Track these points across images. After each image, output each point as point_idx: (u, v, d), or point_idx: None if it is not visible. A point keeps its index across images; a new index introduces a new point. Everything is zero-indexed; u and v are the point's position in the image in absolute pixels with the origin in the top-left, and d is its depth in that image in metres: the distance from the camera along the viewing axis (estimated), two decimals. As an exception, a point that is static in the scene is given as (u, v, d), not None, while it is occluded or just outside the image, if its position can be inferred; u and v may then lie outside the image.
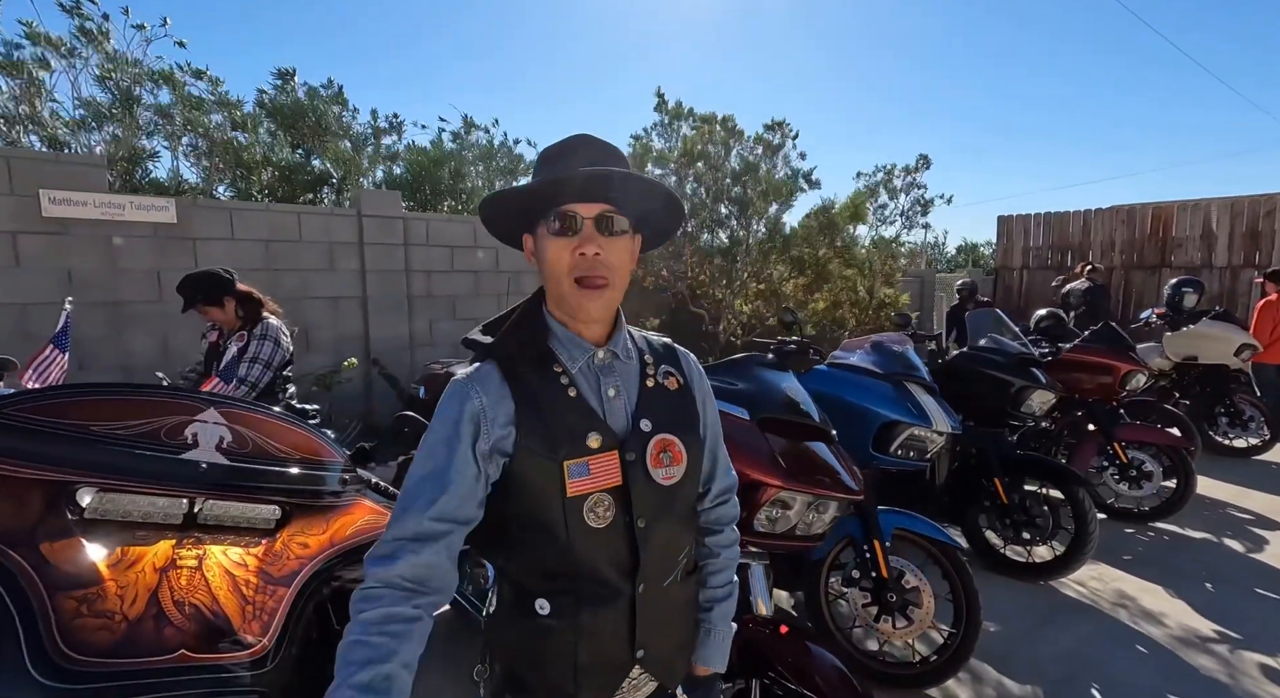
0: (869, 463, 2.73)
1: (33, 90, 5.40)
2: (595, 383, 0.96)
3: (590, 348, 0.96)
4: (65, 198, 4.44)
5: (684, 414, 1.01)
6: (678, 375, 1.04)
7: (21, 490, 0.90)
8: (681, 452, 0.97)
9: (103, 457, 0.99)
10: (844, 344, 3.21)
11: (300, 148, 7.13)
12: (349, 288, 5.80)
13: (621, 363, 0.98)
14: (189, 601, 0.93)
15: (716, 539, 1.12)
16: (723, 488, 1.14)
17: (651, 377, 1.00)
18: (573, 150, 0.93)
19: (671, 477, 0.96)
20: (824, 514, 2.02)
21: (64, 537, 0.89)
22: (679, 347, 1.11)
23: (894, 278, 8.19)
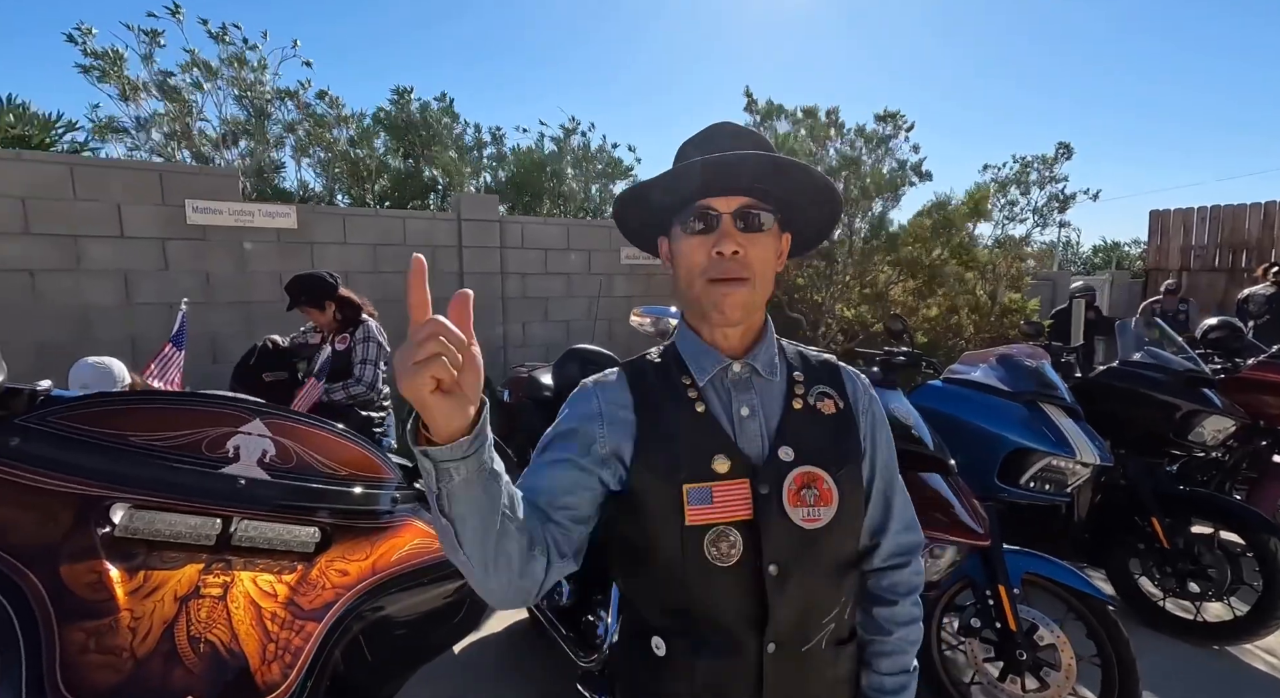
0: (995, 495, 2.35)
1: (185, 111, 6.03)
2: (727, 400, 0.84)
3: (723, 359, 0.85)
4: (206, 207, 4.89)
5: (839, 445, 0.86)
6: (836, 398, 0.88)
7: (51, 504, 0.87)
8: (831, 490, 0.82)
9: (139, 469, 0.94)
10: (964, 357, 2.81)
11: (411, 157, 7.53)
12: (447, 290, 5.92)
13: (763, 379, 0.86)
14: (205, 637, 0.86)
15: (890, 613, 0.92)
16: (900, 547, 0.93)
17: (800, 397, 0.86)
18: (710, 139, 0.84)
19: (815, 519, 0.81)
20: (939, 559, 1.72)
21: (87, 558, 0.85)
22: (847, 366, 0.94)
23: (1021, 282, 7.34)
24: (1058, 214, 7.55)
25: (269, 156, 6.44)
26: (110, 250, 4.54)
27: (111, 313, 4.58)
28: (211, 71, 6.24)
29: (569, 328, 6.53)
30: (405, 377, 0.53)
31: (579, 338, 6.60)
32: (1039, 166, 7.35)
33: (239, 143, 6.32)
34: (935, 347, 6.85)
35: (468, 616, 1.36)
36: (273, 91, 6.49)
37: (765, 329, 0.89)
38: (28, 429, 0.92)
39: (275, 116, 6.58)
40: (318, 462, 1.12)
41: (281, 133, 6.62)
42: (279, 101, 6.58)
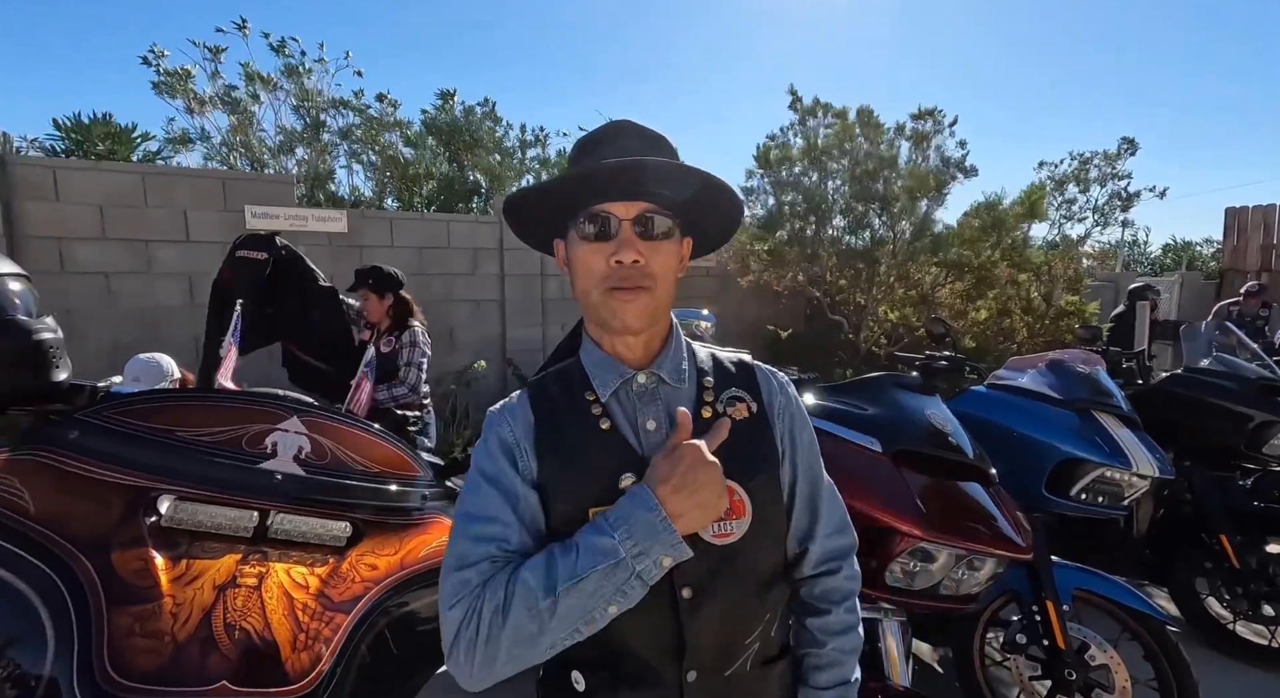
0: (1043, 507, 2.25)
1: (245, 121, 6.36)
2: (632, 413, 0.80)
3: (627, 371, 0.81)
4: (264, 212, 5.13)
5: (751, 452, 0.81)
6: (749, 401, 0.84)
7: (105, 494, 0.93)
8: (743, 501, 0.78)
9: (185, 464, 1.00)
10: (1010, 362, 2.70)
11: (456, 161, 7.73)
12: (489, 291, 6.12)
13: (670, 388, 0.81)
14: (240, 625, 0.90)
15: (822, 623, 0.86)
16: (830, 551, 0.88)
17: (709, 405, 0.81)
18: (609, 140, 0.79)
19: (727, 534, 0.76)
20: (978, 572, 1.65)
21: (135, 546, 0.91)
22: (761, 365, 0.90)
23: (1079, 283, 6.98)
24: (1120, 212, 7.15)
25: (323, 163, 6.73)
26: (177, 254, 4.81)
27: (177, 313, 4.85)
28: (269, 83, 6.58)
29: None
30: None
31: (617, 339, 6.63)
32: (1100, 163, 6.98)
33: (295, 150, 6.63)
34: (985, 351, 6.58)
35: None
36: (328, 101, 6.78)
37: (671, 335, 0.85)
38: (86, 423, 0.99)
39: (330, 125, 6.88)
40: (351, 459, 1.17)
41: (335, 140, 6.92)
42: (334, 110, 6.88)
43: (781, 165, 6.78)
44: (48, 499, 0.89)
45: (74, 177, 4.49)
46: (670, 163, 0.75)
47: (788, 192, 6.81)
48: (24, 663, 0.77)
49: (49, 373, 1.03)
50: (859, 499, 1.62)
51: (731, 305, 7.59)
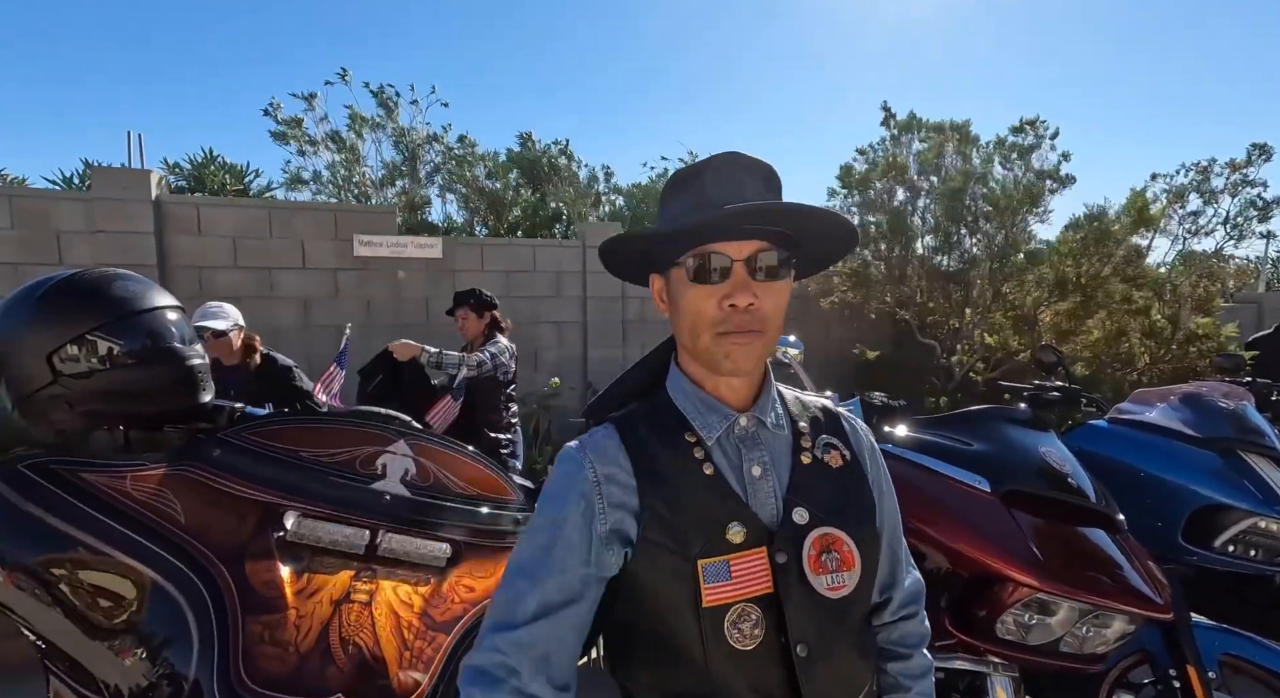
0: (1179, 558, 2.01)
1: (351, 158, 6.99)
2: (736, 459, 0.76)
3: (731, 413, 0.77)
4: (369, 240, 5.54)
5: (853, 501, 0.78)
6: (842, 448, 0.81)
7: (241, 508, 1.02)
8: (852, 552, 0.74)
9: (307, 482, 1.08)
10: (1136, 395, 2.45)
11: (537, 192, 8.19)
12: (571, 313, 6.28)
13: (769, 433, 0.78)
14: (354, 639, 0.96)
15: (904, 668, 0.84)
16: (908, 596, 0.86)
17: (808, 450, 0.79)
18: (712, 172, 0.75)
19: (841, 587, 0.73)
20: (1105, 629, 1.49)
21: (265, 558, 0.98)
22: (844, 411, 0.87)
23: (1211, 304, 6.28)
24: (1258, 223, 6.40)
25: (420, 194, 7.30)
26: (294, 280, 5.28)
27: (293, 333, 5.29)
28: (369, 123, 7.26)
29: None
30: None
31: (696, 361, 6.62)
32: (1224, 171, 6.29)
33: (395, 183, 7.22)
34: (1098, 379, 6.03)
35: None
36: (422, 137, 7.37)
37: (767, 377, 0.82)
38: (227, 442, 1.09)
39: (425, 159, 7.46)
40: (451, 482, 1.22)
41: (430, 172, 7.50)
42: (428, 145, 7.47)
43: (866, 184, 6.59)
44: (195, 511, 0.99)
45: (213, 212, 5.04)
46: (798, 205, 0.71)
47: (873, 211, 6.60)
48: (176, 664, 0.85)
49: (198, 394, 1.15)
50: (966, 543, 1.51)
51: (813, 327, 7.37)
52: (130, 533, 0.92)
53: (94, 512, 0.93)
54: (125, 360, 1.07)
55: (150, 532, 0.94)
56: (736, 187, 0.73)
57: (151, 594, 0.90)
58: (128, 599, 0.89)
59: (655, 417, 0.79)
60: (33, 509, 0.91)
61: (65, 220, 4.59)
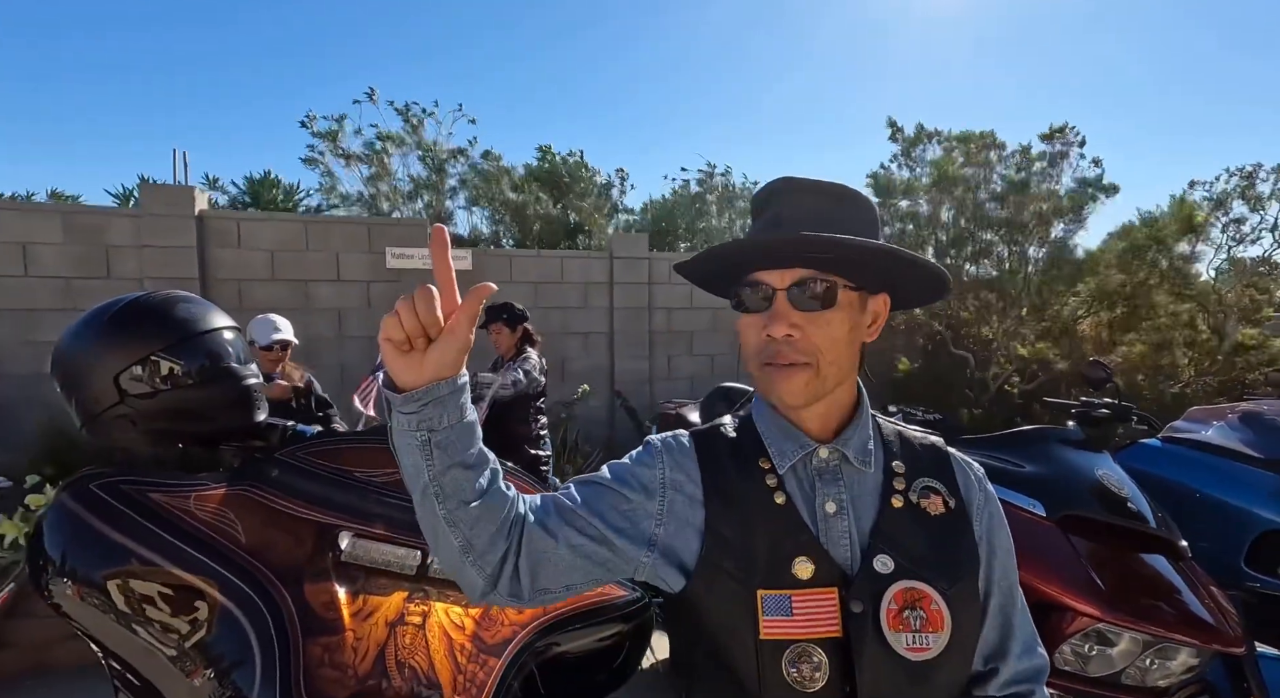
0: (1240, 584, 1.93)
1: (381, 173, 7.16)
2: (810, 491, 0.72)
3: (810, 443, 0.73)
4: (402, 252, 5.63)
5: (951, 555, 0.72)
6: (945, 494, 0.74)
7: (299, 529, 1.03)
8: (941, 612, 0.68)
9: (362, 503, 1.09)
10: (1190, 413, 2.37)
11: (559, 203, 8.30)
12: (599, 324, 6.30)
13: (854, 469, 0.73)
14: (410, 662, 0.96)
15: None
16: (1022, 673, 0.77)
17: (900, 493, 0.73)
18: (772, 200, 0.74)
19: (924, 649, 0.67)
20: (1170, 662, 1.43)
21: (322, 580, 0.99)
22: (957, 453, 0.80)
23: (1260, 314, 6.05)
24: (1309, 230, 6.15)
25: (446, 206, 7.46)
26: (329, 292, 5.38)
27: (328, 343, 5.39)
28: (397, 140, 7.46)
29: (713, 362, 6.54)
30: None
31: (723, 372, 6.58)
32: (1270, 176, 6.08)
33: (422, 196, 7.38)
34: (1140, 392, 5.85)
35: (627, 659, 1.38)
36: (447, 151, 7.54)
37: (859, 407, 0.77)
38: (284, 463, 1.10)
39: (451, 172, 7.65)
40: None
41: (456, 185, 7.68)
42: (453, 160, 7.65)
43: (887, 195, 6.52)
44: (255, 531, 1.00)
45: (252, 227, 5.17)
46: (815, 237, 0.66)
47: (901, 221, 6.52)
48: (242, 686, 0.86)
49: (254, 413, 1.17)
50: (1022, 570, 1.46)
51: (842, 338, 7.27)
52: (196, 553, 0.94)
53: (161, 531, 0.95)
54: (186, 381, 1.10)
55: (214, 552, 0.95)
56: (783, 216, 0.71)
57: (218, 615, 0.91)
58: (196, 619, 0.91)
59: (735, 438, 0.77)
60: (103, 527, 0.94)
61: (114, 235, 4.76)
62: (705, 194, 9.03)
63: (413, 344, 0.62)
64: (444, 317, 0.62)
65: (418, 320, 0.61)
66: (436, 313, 0.61)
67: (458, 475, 0.65)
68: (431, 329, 0.62)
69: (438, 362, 0.62)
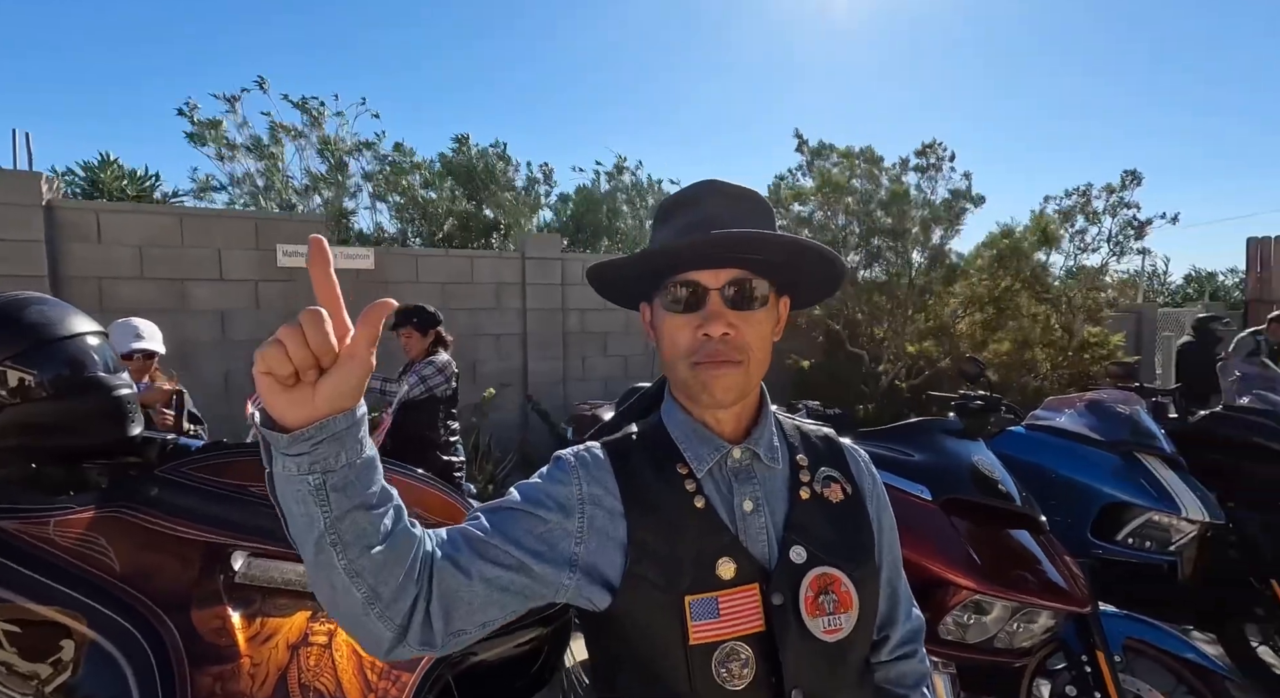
0: (1088, 552, 2.20)
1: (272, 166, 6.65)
2: (728, 492, 0.74)
3: (723, 445, 0.75)
4: (294, 250, 5.25)
5: (852, 538, 0.76)
6: (843, 481, 0.78)
7: (184, 551, 0.95)
8: (850, 592, 0.72)
9: (258, 519, 1.01)
10: (1048, 402, 2.67)
11: (473, 200, 8.02)
12: (511, 325, 6.18)
13: (765, 467, 0.76)
14: (315, 684, 0.90)
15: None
16: (907, 635, 0.84)
17: (807, 485, 0.76)
18: (695, 202, 0.75)
19: (837, 630, 0.70)
20: (1032, 624, 1.61)
21: (213, 604, 0.91)
22: (846, 441, 0.85)
23: (1099, 314, 6.93)
24: (1135, 241, 7.12)
25: (345, 203, 7.04)
26: (210, 292, 4.93)
27: (209, 349, 4.94)
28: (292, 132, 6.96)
29: (627, 363, 6.60)
30: None
31: (636, 373, 6.65)
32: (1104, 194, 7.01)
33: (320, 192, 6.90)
34: (1007, 384, 6.52)
35: (546, 663, 1.37)
36: (350, 145, 7.11)
37: (763, 406, 0.79)
38: (165, 480, 1.00)
39: (352, 168, 7.23)
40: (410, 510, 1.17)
41: (359, 182, 7.24)
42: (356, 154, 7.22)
43: (794, 203, 6.89)
44: (131, 557, 0.91)
45: (115, 219, 4.64)
46: (770, 235, 0.69)
47: (802, 228, 6.90)
48: (116, 729, 0.77)
49: (127, 427, 1.06)
50: (912, 550, 1.59)
51: (750, 339, 7.57)
52: (56, 584, 0.83)
53: (11, 562, 0.84)
54: (40, 392, 0.98)
55: (80, 582, 0.85)
56: (716, 216, 0.72)
57: (87, 652, 0.82)
58: (60, 660, 0.81)
59: (648, 445, 0.76)
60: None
61: (-62, 226, 4.12)
62: (616, 192, 9.04)
63: (300, 377, 0.54)
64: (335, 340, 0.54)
65: (308, 350, 0.53)
66: (330, 339, 0.53)
67: (359, 519, 0.58)
68: (324, 358, 0.54)
69: (333, 393, 0.54)
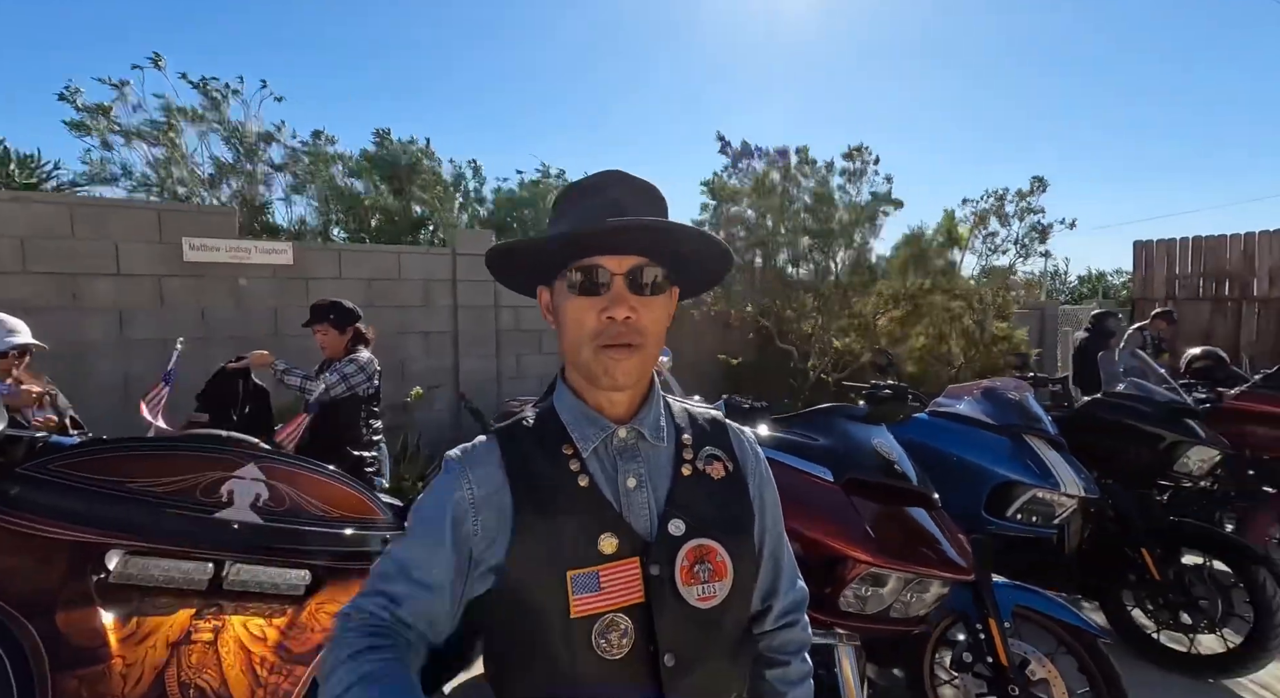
0: (982, 528, 2.37)
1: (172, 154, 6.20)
2: (612, 470, 0.77)
3: (609, 425, 0.78)
4: (203, 244, 4.95)
5: (731, 512, 0.81)
6: (725, 459, 0.83)
7: (50, 552, 0.89)
8: (725, 563, 0.77)
9: (135, 516, 0.96)
10: (949, 390, 2.86)
11: (399, 194, 7.78)
12: (442, 323, 6.04)
13: (649, 445, 0.80)
14: (195, 682, 0.87)
15: (782, 674, 0.88)
16: (789, 605, 0.90)
17: (689, 462, 0.80)
18: (599, 190, 0.78)
19: (711, 597, 0.75)
20: (925, 594, 1.73)
21: (82, 606, 0.87)
22: (732, 423, 0.90)
23: (1007, 311, 7.45)
24: (1038, 244, 7.68)
25: (257, 194, 6.62)
26: (107, 288, 4.59)
27: (106, 348, 4.59)
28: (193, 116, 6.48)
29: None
30: None
31: (572, 370, 6.65)
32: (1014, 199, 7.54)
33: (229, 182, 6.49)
34: (925, 376, 6.91)
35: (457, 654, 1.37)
36: (258, 134, 6.72)
37: (652, 390, 0.83)
38: (28, 478, 0.94)
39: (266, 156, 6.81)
40: (310, 504, 1.14)
41: (271, 171, 6.84)
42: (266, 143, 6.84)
43: (727, 200, 7.06)
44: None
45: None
46: (673, 224, 0.73)
47: (736, 226, 7.07)
48: (-38, 738, 0.72)
49: (-14, 424, 0.98)
50: (814, 528, 1.69)
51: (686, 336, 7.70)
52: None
53: None
54: (-117, 387, 0.90)
55: (-74, 588, 0.79)
56: (623, 203, 0.75)
57: (-69, 661, 0.76)
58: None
59: (538, 429, 0.79)
60: None
61: None
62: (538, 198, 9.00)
63: None
64: None
65: None
66: None
67: None
68: None
69: None
